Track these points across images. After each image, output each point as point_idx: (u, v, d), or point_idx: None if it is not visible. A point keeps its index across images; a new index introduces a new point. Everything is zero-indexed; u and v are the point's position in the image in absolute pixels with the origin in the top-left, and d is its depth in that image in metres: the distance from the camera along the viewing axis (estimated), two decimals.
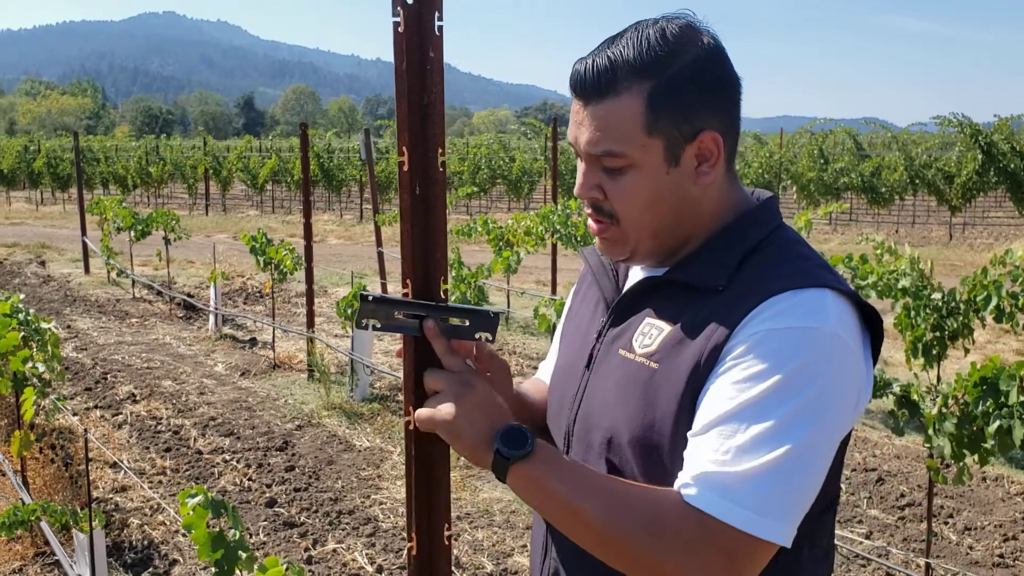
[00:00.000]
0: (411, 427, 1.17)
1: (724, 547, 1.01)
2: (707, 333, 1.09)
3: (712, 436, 1.04)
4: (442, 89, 1.07)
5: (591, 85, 1.13)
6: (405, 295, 1.13)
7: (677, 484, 1.06)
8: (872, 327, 1.14)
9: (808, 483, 1.05)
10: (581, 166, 1.18)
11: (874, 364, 1.15)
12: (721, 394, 1.05)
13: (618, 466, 1.15)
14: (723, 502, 1.01)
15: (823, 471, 1.07)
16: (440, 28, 1.05)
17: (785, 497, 1.02)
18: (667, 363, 1.12)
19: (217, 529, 2.08)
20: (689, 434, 1.08)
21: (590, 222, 1.21)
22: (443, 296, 1.13)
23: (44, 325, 4.04)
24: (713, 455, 1.03)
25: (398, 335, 1.16)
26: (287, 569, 2.00)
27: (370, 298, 1.12)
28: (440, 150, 1.09)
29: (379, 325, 1.13)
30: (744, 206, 1.21)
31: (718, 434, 1.04)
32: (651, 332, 1.16)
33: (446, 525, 1.20)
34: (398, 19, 1.04)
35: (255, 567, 2.03)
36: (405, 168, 1.08)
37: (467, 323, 1.15)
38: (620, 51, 1.12)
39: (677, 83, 1.10)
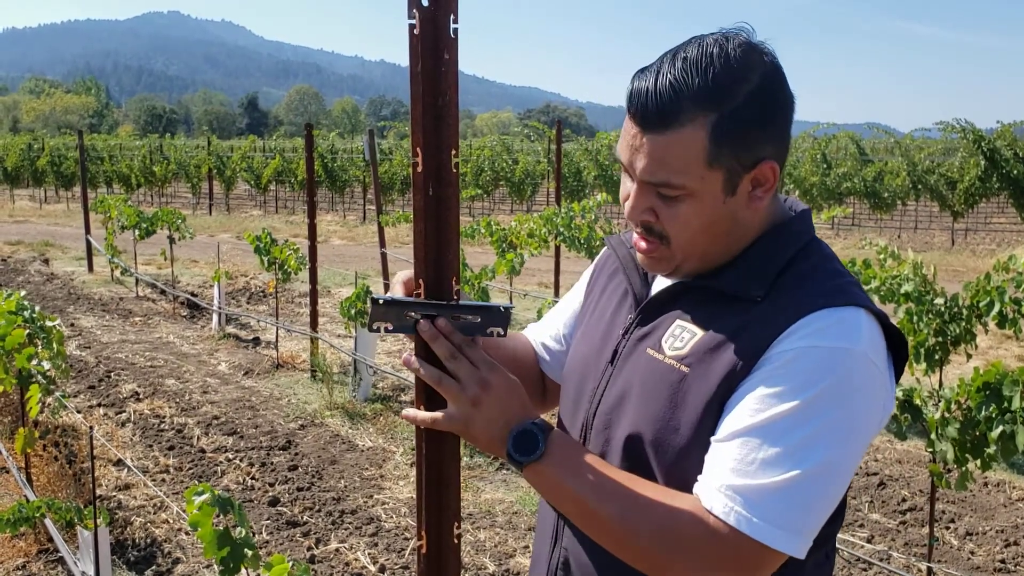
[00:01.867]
0: (421, 425, 1.17)
1: (737, 555, 1.03)
2: (743, 343, 1.09)
3: (736, 445, 1.05)
4: (456, 91, 1.07)
5: (653, 114, 1.09)
6: (417, 295, 1.14)
7: (697, 488, 1.07)
8: (897, 346, 1.15)
9: (827, 499, 1.06)
10: (630, 185, 1.16)
11: (896, 382, 1.16)
12: (751, 405, 1.06)
13: (637, 464, 1.16)
14: (742, 512, 1.02)
15: (843, 488, 1.08)
16: (455, 30, 1.05)
17: (804, 512, 1.03)
18: (699, 368, 1.12)
19: (223, 527, 2.08)
20: (713, 439, 1.08)
21: (639, 242, 1.19)
22: (455, 295, 1.14)
23: (49, 323, 4.05)
24: (736, 464, 1.04)
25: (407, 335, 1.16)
26: (292, 567, 2.00)
27: (380, 301, 1.12)
28: (454, 151, 1.09)
29: (391, 327, 1.13)
30: (781, 216, 1.20)
31: (743, 444, 1.04)
32: (682, 335, 1.16)
33: (455, 523, 1.21)
34: (413, 21, 1.04)
35: (260, 565, 2.04)
36: (419, 169, 1.09)
37: (478, 319, 1.15)
38: (683, 77, 1.08)
39: (740, 115, 1.08)
